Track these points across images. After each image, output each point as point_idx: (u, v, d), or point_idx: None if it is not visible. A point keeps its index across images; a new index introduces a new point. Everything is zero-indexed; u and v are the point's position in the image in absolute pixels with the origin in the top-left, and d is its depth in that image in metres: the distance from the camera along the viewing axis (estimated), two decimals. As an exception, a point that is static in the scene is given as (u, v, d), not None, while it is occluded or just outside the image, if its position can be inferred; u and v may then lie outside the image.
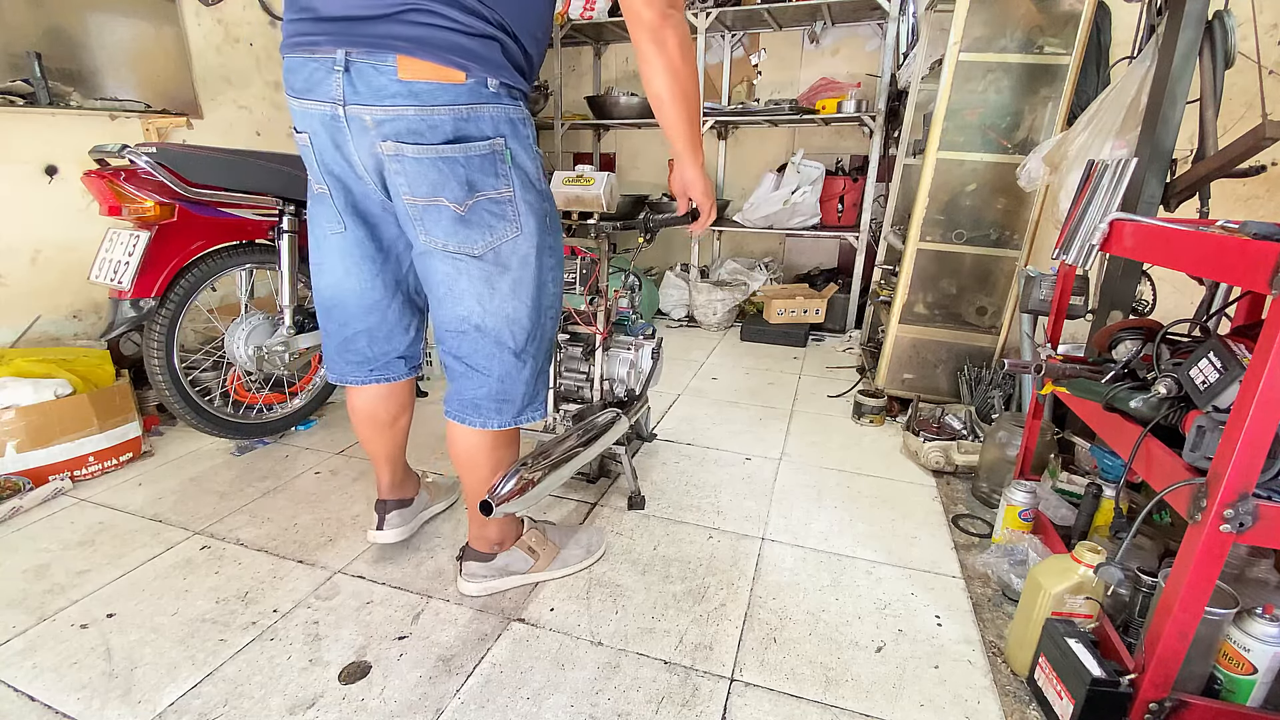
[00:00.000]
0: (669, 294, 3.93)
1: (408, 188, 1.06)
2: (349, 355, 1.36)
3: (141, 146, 1.78)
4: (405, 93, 0.99)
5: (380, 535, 1.52)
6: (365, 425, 1.46)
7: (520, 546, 1.45)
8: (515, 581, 1.44)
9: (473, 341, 1.19)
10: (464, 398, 1.25)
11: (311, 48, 1.02)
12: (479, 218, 1.09)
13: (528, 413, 1.28)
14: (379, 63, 0.98)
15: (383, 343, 1.35)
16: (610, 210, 1.64)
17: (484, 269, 1.13)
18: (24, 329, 2.22)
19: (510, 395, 1.24)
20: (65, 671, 1.20)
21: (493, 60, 1.02)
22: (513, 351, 1.20)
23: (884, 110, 3.41)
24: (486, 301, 1.15)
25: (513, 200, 1.10)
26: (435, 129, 1.01)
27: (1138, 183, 1.59)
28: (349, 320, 1.32)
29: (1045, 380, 1.32)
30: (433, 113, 1.00)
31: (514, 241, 1.13)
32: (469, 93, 1.01)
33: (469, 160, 1.04)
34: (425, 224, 1.10)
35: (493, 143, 1.05)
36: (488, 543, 1.41)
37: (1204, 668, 1.04)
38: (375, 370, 1.38)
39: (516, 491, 1.23)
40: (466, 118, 1.02)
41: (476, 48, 1.00)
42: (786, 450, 2.18)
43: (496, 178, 1.08)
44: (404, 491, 1.57)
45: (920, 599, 1.44)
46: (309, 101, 1.06)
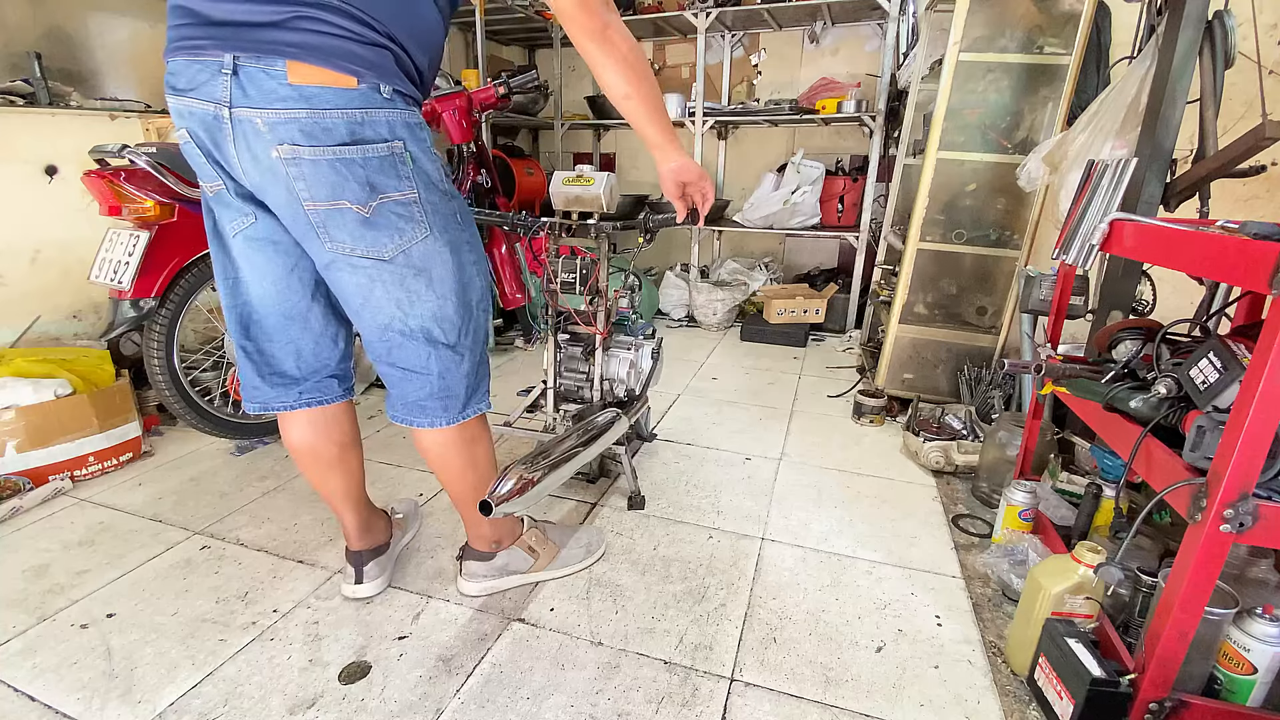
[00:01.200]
0: (669, 294, 3.93)
1: (308, 192, 1.03)
2: (275, 377, 1.27)
3: (141, 146, 1.78)
4: (295, 96, 0.98)
5: (359, 590, 1.40)
6: (309, 464, 1.35)
7: (520, 545, 1.45)
8: (515, 581, 1.44)
9: (402, 347, 1.17)
10: (407, 400, 1.23)
11: (196, 51, 1.00)
12: (385, 220, 1.07)
13: (473, 405, 1.26)
14: (268, 67, 0.97)
15: (310, 358, 1.27)
16: (610, 210, 1.65)
17: (397, 273, 1.11)
18: (24, 329, 2.22)
19: (453, 390, 1.22)
20: (65, 671, 1.20)
21: (384, 67, 1.02)
22: (447, 346, 1.19)
23: (884, 110, 3.41)
24: (407, 306, 1.13)
25: (418, 201, 1.09)
26: (329, 131, 1.00)
27: (1138, 183, 1.59)
28: (271, 334, 1.24)
29: (1045, 380, 1.32)
30: (324, 115, 0.99)
31: (424, 243, 1.11)
32: (361, 97, 1.01)
33: (367, 161, 1.03)
34: (329, 230, 1.06)
35: (391, 145, 1.05)
36: (486, 541, 1.41)
37: (1204, 668, 1.04)
38: (305, 393, 1.29)
39: (516, 491, 1.23)
40: (361, 121, 1.01)
41: (368, 55, 1.00)
42: (786, 450, 2.18)
43: (399, 179, 1.06)
44: (376, 537, 1.45)
45: (920, 599, 1.44)
46: (191, 100, 1.02)
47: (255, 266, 1.18)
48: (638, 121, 1.24)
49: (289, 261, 1.19)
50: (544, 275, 1.77)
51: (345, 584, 1.42)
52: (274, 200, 1.08)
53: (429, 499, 1.83)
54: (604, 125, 4.39)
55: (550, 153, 4.71)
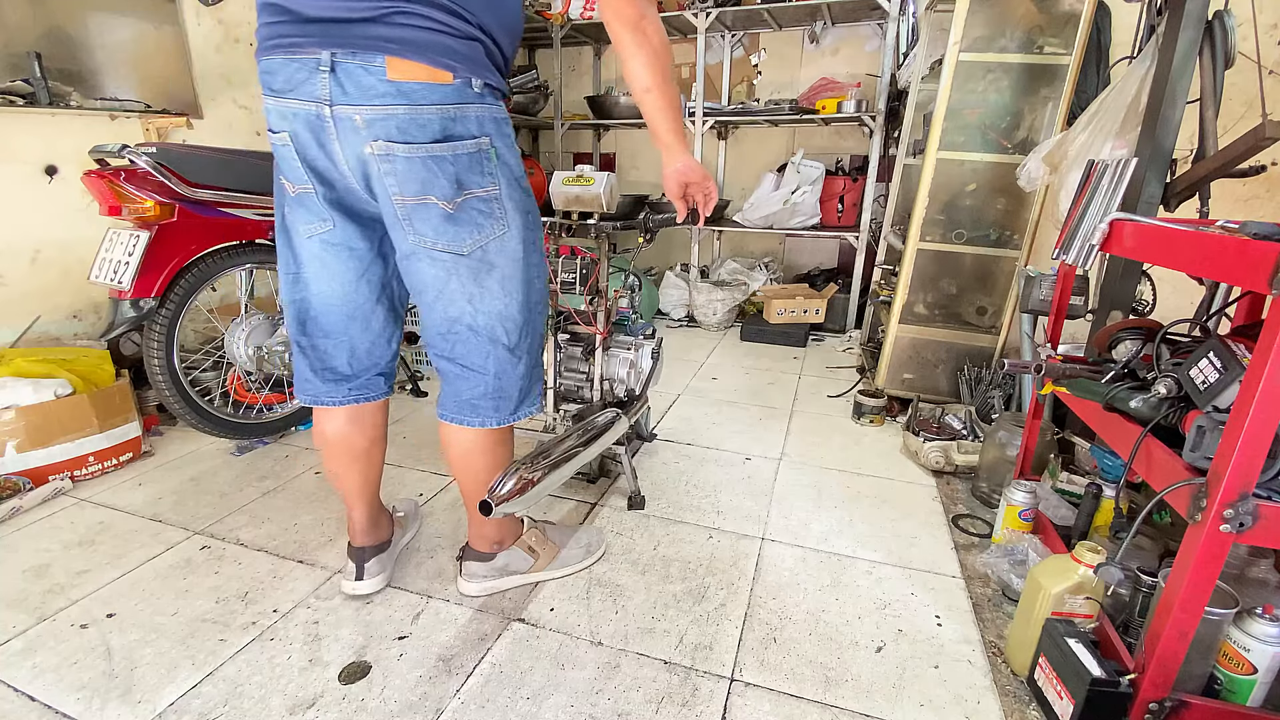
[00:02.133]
0: (669, 294, 3.93)
1: (397, 187, 1.06)
2: (327, 373, 1.29)
3: (141, 146, 1.78)
4: (394, 92, 1.00)
5: (360, 586, 1.39)
6: (338, 455, 1.35)
7: (520, 546, 1.45)
8: (515, 581, 1.44)
9: (466, 342, 1.19)
10: (461, 399, 1.24)
11: (293, 50, 1.00)
12: (467, 216, 1.09)
13: (524, 408, 1.28)
14: (367, 63, 0.98)
15: (364, 357, 1.29)
16: (610, 210, 1.64)
17: (472, 267, 1.13)
18: (24, 329, 2.22)
19: (507, 392, 1.24)
20: (65, 671, 1.20)
21: (477, 61, 1.04)
22: (507, 348, 1.21)
23: (884, 110, 3.41)
24: (478, 301, 1.15)
25: (499, 198, 1.11)
26: (424, 128, 1.02)
27: (1138, 183, 1.59)
28: (331, 330, 1.25)
29: (1045, 380, 1.32)
30: (421, 112, 1.01)
31: (501, 239, 1.13)
32: (455, 93, 1.03)
33: (457, 158, 1.05)
34: (414, 223, 1.09)
35: (479, 141, 1.07)
36: (488, 542, 1.41)
37: (1204, 668, 1.04)
38: (355, 390, 1.31)
39: (516, 491, 1.23)
40: (454, 117, 1.03)
41: (461, 49, 1.02)
42: (786, 450, 2.18)
43: (483, 175, 1.09)
44: (380, 534, 1.45)
45: (920, 599, 1.44)
46: (291, 101, 1.04)
47: (326, 268, 1.21)
48: (654, 117, 1.24)
49: (360, 267, 1.22)
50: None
51: (345, 580, 1.41)
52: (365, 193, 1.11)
53: (429, 499, 1.83)
54: (604, 125, 4.38)
55: (550, 153, 4.71)
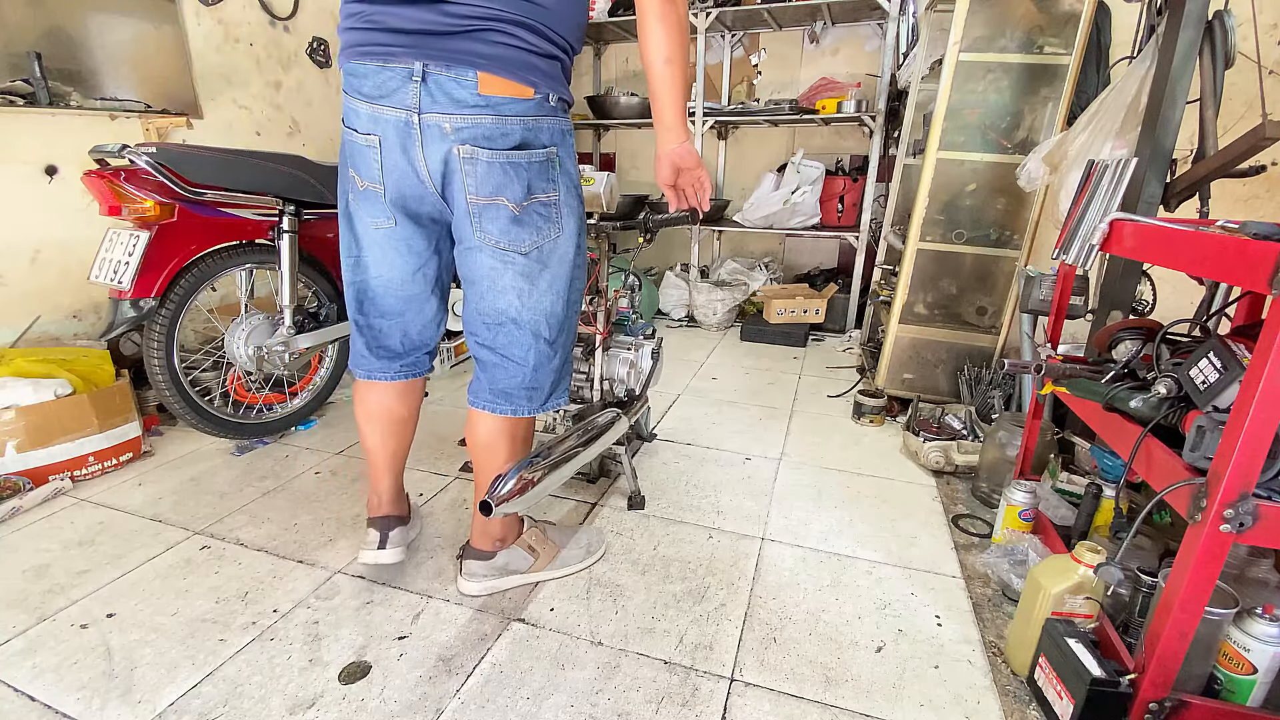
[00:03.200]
0: (669, 294, 3.93)
1: (474, 188, 1.13)
2: (381, 350, 1.38)
3: (141, 146, 1.78)
4: (483, 104, 1.08)
5: (383, 555, 1.42)
6: (381, 425, 1.43)
7: (520, 545, 1.45)
8: (515, 581, 1.44)
9: (509, 334, 1.25)
10: (496, 387, 1.30)
11: (385, 58, 1.08)
12: (530, 219, 1.17)
13: (553, 399, 1.35)
14: (459, 77, 1.06)
15: (416, 337, 1.39)
16: (610, 210, 1.65)
17: (528, 266, 1.20)
18: (24, 329, 2.22)
19: (540, 383, 1.31)
20: (65, 671, 1.20)
21: (554, 77, 1.13)
22: (547, 341, 1.28)
23: (884, 110, 3.41)
24: (526, 297, 1.22)
25: (558, 203, 1.19)
26: (507, 136, 1.10)
27: (1138, 183, 1.59)
28: (387, 312, 1.34)
29: (1045, 380, 1.32)
30: (506, 122, 1.10)
31: (555, 241, 1.21)
32: (535, 106, 1.12)
33: (530, 165, 1.14)
34: (482, 222, 1.17)
35: (548, 151, 1.16)
36: (490, 539, 1.42)
37: (1204, 668, 1.04)
38: (405, 366, 1.41)
39: (516, 491, 1.23)
40: (531, 128, 1.12)
41: (543, 66, 1.11)
42: (786, 450, 2.18)
43: (548, 182, 1.17)
44: (403, 507, 1.53)
45: (920, 599, 1.44)
46: (384, 107, 1.11)
47: (386, 259, 1.29)
48: (665, 92, 1.20)
49: (418, 262, 1.30)
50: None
51: (366, 551, 1.42)
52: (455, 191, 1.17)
53: (429, 499, 1.83)
54: (604, 125, 4.39)
55: (550, 153, 4.71)
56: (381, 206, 1.23)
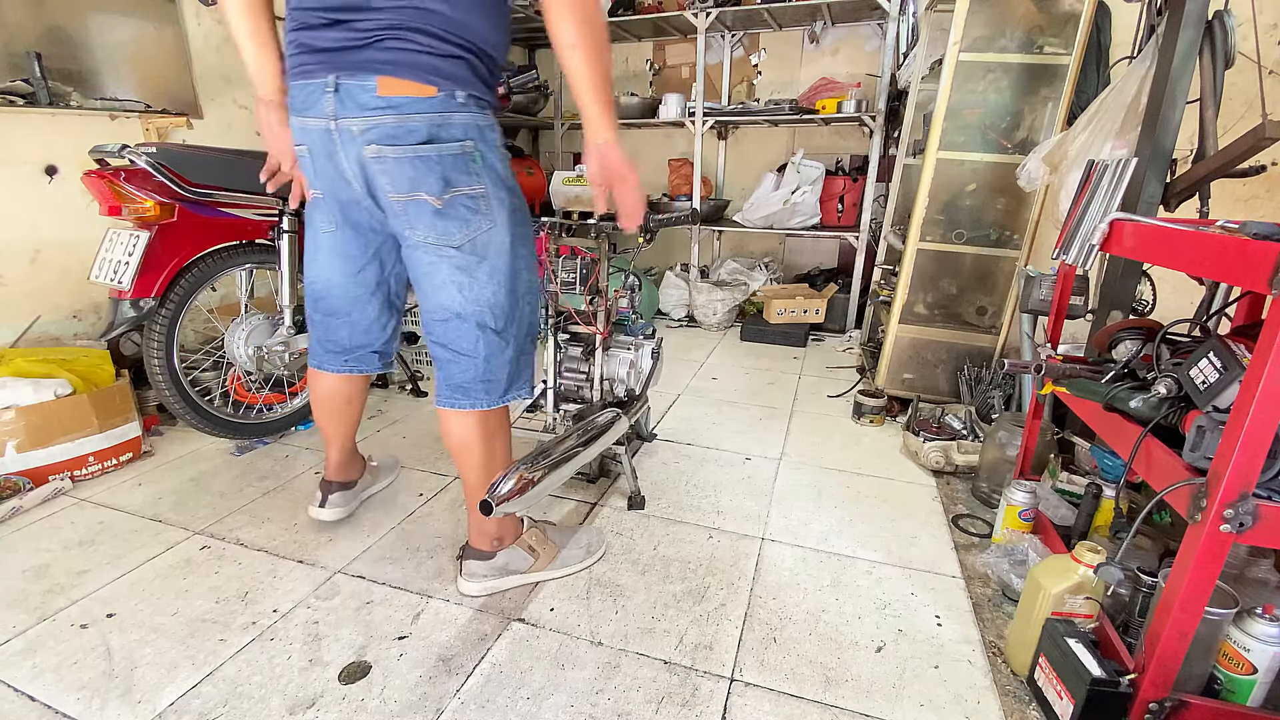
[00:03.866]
0: (669, 294, 3.93)
1: (390, 185, 1.19)
2: (329, 344, 1.51)
3: (141, 146, 1.78)
4: (384, 105, 1.14)
5: (321, 513, 1.64)
6: (324, 408, 1.59)
7: (520, 545, 1.46)
8: (515, 581, 1.44)
9: (456, 328, 1.29)
10: (452, 382, 1.34)
11: (308, 75, 1.18)
12: (456, 212, 1.20)
13: (513, 390, 1.38)
14: (362, 83, 1.13)
15: (361, 335, 1.49)
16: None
17: (463, 259, 1.24)
18: (24, 329, 2.22)
19: (495, 375, 1.33)
20: (65, 671, 1.20)
21: (459, 76, 1.15)
22: (495, 332, 1.30)
23: (884, 110, 3.41)
24: (467, 289, 1.25)
25: (485, 196, 1.22)
26: (411, 133, 1.15)
27: (1138, 183, 1.59)
28: (334, 310, 1.46)
29: (1045, 380, 1.32)
30: (408, 120, 1.14)
31: (489, 233, 1.24)
32: (439, 104, 1.15)
33: (442, 159, 1.17)
34: (409, 218, 1.22)
35: (463, 144, 1.18)
36: (488, 539, 1.43)
37: (1204, 668, 1.04)
38: (350, 362, 1.53)
39: (516, 491, 1.23)
40: (439, 124, 1.15)
41: (444, 66, 1.14)
42: (786, 450, 2.18)
43: (469, 175, 1.20)
44: (348, 474, 1.70)
45: (920, 599, 1.44)
46: (308, 119, 1.21)
47: (330, 262, 1.42)
48: (575, 81, 1.13)
49: (354, 268, 1.42)
50: (544, 275, 1.77)
51: (312, 507, 1.65)
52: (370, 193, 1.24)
53: (429, 499, 1.83)
54: (604, 125, 4.38)
55: (550, 153, 4.71)
56: (326, 212, 1.36)
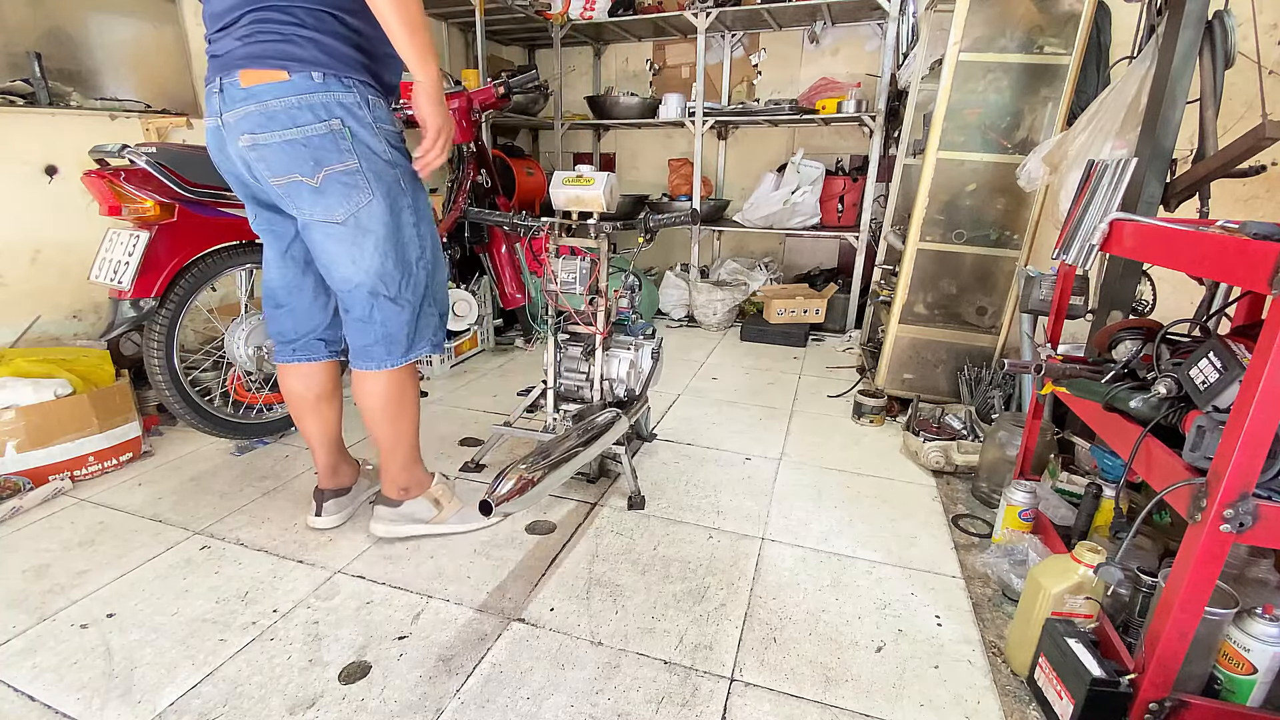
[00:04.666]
0: (669, 294, 3.93)
1: (268, 171, 1.27)
2: (279, 335, 1.57)
3: (141, 146, 1.78)
4: (246, 96, 1.22)
5: (317, 521, 1.65)
6: (295, 404, 1.61)
7: (426, 497, 1.58)
8: (419, 530, 1.58)
9: (353, 296, 1.38)
10: (356, 346, 1.44)
11: (208, 82, 1.29)
12: (333, 189, 1.27)
13: (415, 349, 1.47)
14: (231, 80, 1.23)
15: (303, 320, 1.54)
16: (610, 210, 1.65)
17: (349, 233, 1.31)
18: (24, 329, 2.22)
19: (395, 337, 1.42)
20: (65, 671, 1.20)
21: (312, 58, 1.20)
22: (389, 299, 1.39)
23: (884, 110, 3.41)
24: (358, 260, 1.34)
25: (360, 171, 1.27)
26: (273, 119, 1.21)
27: (1138, 183, 1.59)
28: (280, 302, 1.53)
29: (1045, 380, 1.32)
30: (268, 106, 1.21)
31: (369, 207, 1.30)
32: (294, 86, 1.20)
33: (309, 140, 1.22)
34: (294, 200, 1.29)
35: (329, 124, 1.23)
36: (395, 488, 1.56)
37: (1204, 668, 1.04)
38: (298, 350, 1.57)
39: (516, 491, 1.23)
40: (298, 106, 1.21)
41: (294, 50, 1.20)
42: (786, 450, 2.18)
43: (340, 153, 1.25)
44: (340, 480, 1.69)
45: (920, 599, 1.44)
46: (208, 119, 1.32)
47: (267, 253, 1.50)
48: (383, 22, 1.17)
49: (281, 246, 1.47)
50: (544, 275, 1.77)
51: (309, 516, 1.65)
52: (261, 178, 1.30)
53: (429, 499, 1.83)
54: (604, 125, 4.38)
55: (550, 153, 4.71)
56: (246, 204, 1.44)
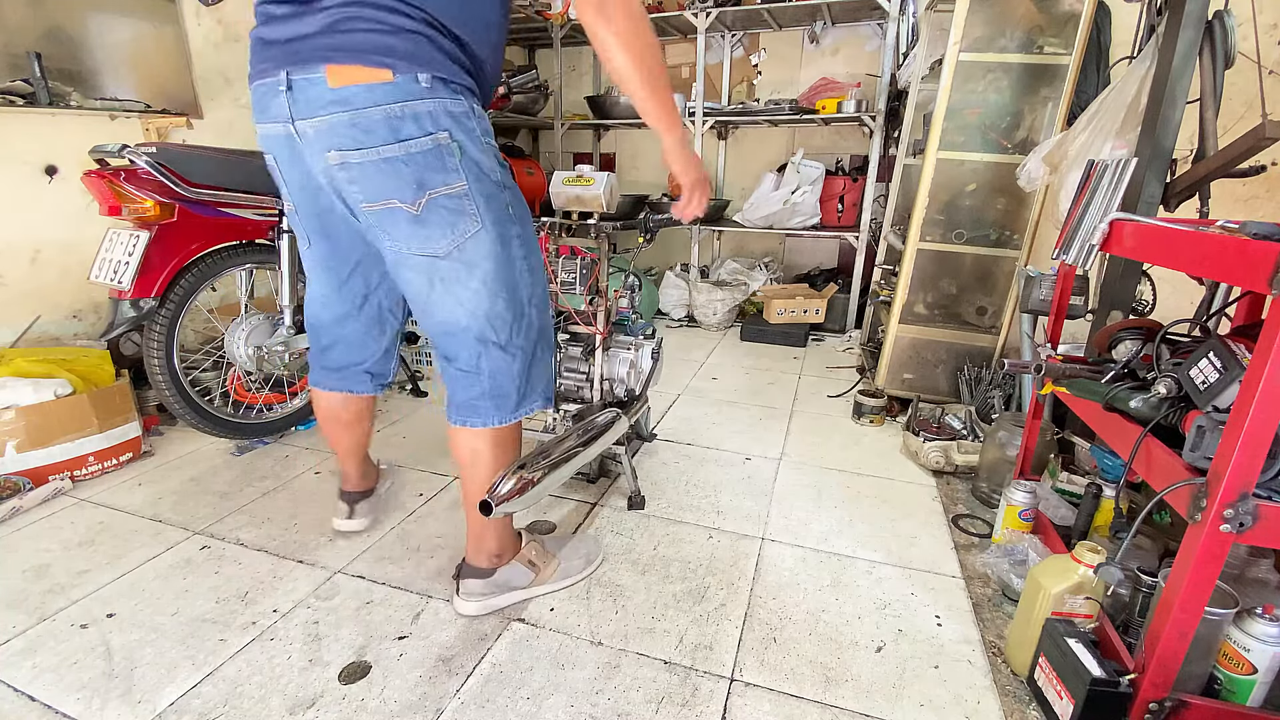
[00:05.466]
0: (669, 294, 3.93)
1: (362, 195, 1.08)
2: (324, 361, 1.47)
3: (141, 146, 1.78)
4: (337, 100, 1.00)
5: (349, 524, 1.62)
6: (329, 423, 1.55)
7: (520, 560, 1.39)
8: (516, 597, 1.39)
9: (458, 343, 1.19)
10: (458, 400, 1.25)
11: (263, 76, 1.06)
12: (436, 216, 1.08)
13: (526, 404, 1.28)
14: (311, 76, 1.00)
15: (351, 353, 1.44)
16: (610, 210, 1.64)
17: (453, 269, 1.12)
18: (24, 329, 2.22)
19: (504, 390, 1.23)
20: (65, 671, 1.20)
21: (419, 56, 1.00)
22: (499, 346, 1.20)
23: (884, 110, 3.41)
24: (465, 302, 1.15)
25: (468, 194, 1.09)
26: (371, 132, 1.01)
27: (1138, 183, 1.59)
28: (322, 330, 1.42)
29: (1045, 380, 1.32)
30: (364, 115, 1.00)
31: (476, 236, 1.11)
32: (398, 90, 1.00)
33: (411, 158, 1.03)
34: (387, 229, 1.10)
35: (436, 138, 1.04)
36: (487, 556, 1.35)
37: (1204, 668, 1.04)
38: (343, 380, 1.47)
39: (516, 491, 1.23)
40: (401, 115, 1.01)
41: (399, 44, 0.99)
42: (786, 450, 2.18)
43: (446, 172, 1.06)
44: (367, 483, 1.67)
45: (920, 599, 1.44)
46: (267, 124, 1.11)
47: (318, 277, 1.36)
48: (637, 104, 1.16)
49: (337, 280, 1.34)
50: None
51: (338, 519, 1.62)
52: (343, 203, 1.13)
53: (429, 499, 1.83)
54: (604, 125, 4.38)
55: (550, 153, 4.71)
56: (302, 226, 1.27)
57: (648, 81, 1.12)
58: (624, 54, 1.08)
